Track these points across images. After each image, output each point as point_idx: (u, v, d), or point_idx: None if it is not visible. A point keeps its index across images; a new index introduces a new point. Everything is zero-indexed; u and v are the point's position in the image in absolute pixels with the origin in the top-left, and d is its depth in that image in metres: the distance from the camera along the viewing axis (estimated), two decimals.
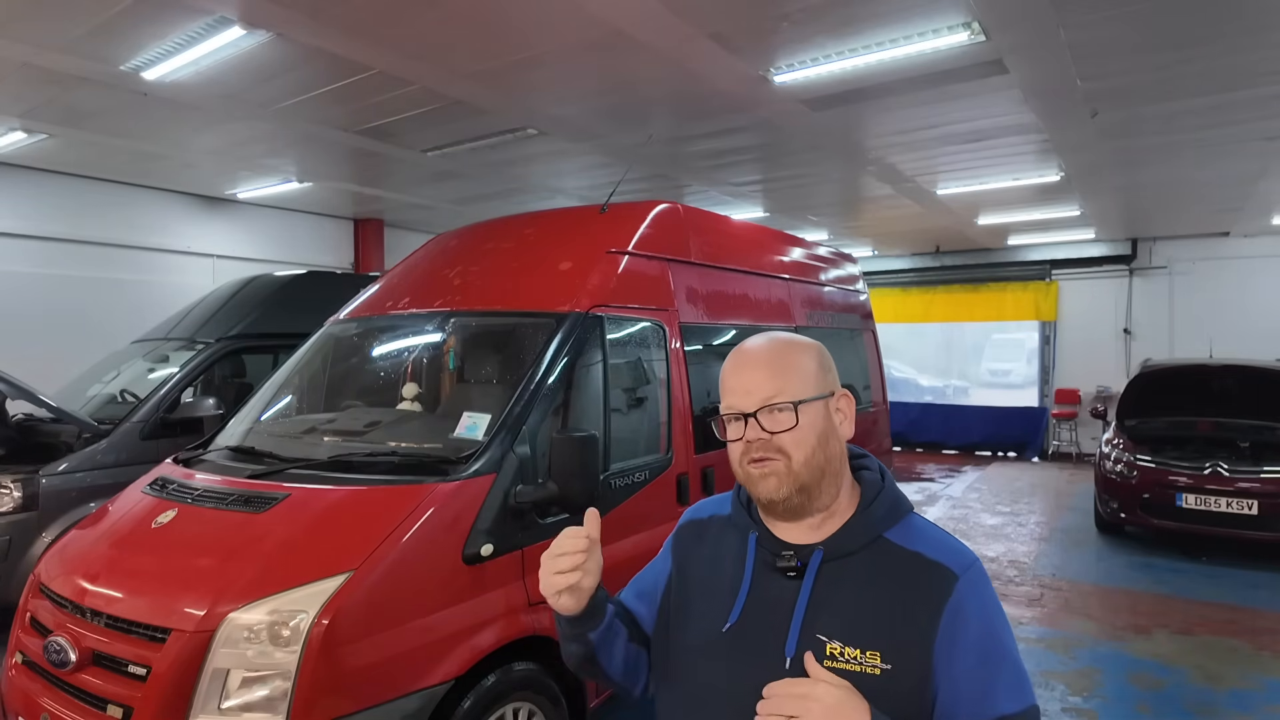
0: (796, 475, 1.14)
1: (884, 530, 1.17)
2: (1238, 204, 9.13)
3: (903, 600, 1.10)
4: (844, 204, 9.79)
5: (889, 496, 1.21)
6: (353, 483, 2.71)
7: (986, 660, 1.08)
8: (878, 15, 4.22)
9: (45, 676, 2.47)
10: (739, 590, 1.19)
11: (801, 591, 1.14)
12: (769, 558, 1.19)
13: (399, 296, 3.83)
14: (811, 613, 1.12)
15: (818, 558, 1.15)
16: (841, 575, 1.14)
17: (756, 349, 1.22)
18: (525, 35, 4.52)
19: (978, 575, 1.13)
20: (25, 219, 7.85)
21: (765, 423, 1.14)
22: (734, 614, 1.17)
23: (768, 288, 4.88)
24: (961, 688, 1.06)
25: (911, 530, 1.18)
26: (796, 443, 1.14)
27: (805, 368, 1.18)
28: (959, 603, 1.09)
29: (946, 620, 1.08)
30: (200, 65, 4.95)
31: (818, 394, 1.17)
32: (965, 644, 1.08)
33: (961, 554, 1.15)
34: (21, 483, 4.59)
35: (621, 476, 3.25)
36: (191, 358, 5.56)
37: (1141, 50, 4.62)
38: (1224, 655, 4.67)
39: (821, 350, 1.24)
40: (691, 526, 1.36)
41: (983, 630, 1.09)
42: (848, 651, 1.08)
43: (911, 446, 13.33)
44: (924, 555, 1.14)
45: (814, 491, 1.16)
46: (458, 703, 2.48)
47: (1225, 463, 6.40)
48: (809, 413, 1.15)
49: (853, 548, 1.16)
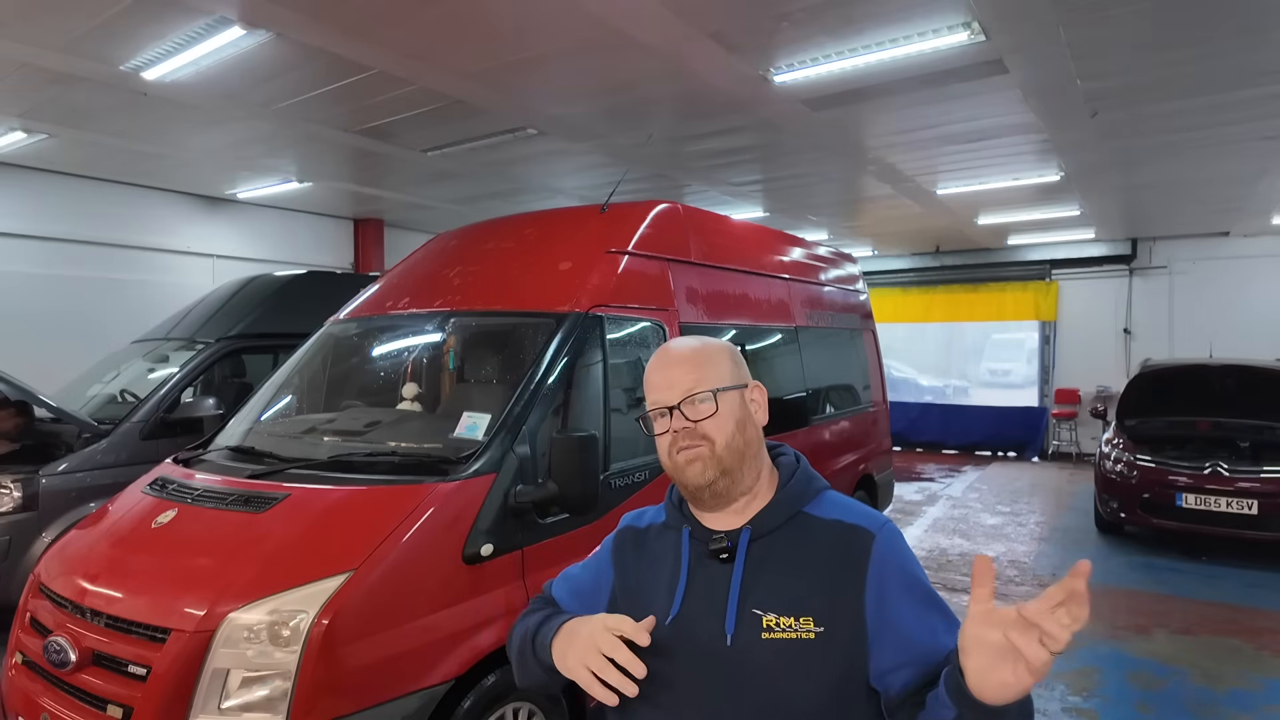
0: (720, 459, 1.23)
1: (802, 506, 1.27)
2: (1238, 204, 9.13)
3: (828, 564, 1.20)
4: (844, 204, 9.79)
5: (804, 475, 1.32)
6: (353, 483, 2.71)
7: (921, 602, 1.17)
8: (878, 15, 4.22)
9: (45, 676, 2.47)
10: (677, 583, 1.27)
11: (735, 571, 1.22)
12: (701, 547, 1.27)
13: (399, 296, 3.83)
14: (745, 590, 1.21)
15: (745, 536, 1.24)
16: (769, 552, 1.23)
17: (675, 350, 1.32)
18: (525, 35, 4.52)
19: (892, 532, 1.23)
20: (25, 219, 7.85)
21: (688, 412, 1.24)
22: (675, 606, 1.24)
23: (768, 288, 4.88)
24: (905, 631, 1.14)
25: (827, 503, 1.29)
26: (718, 428, 1.24)
27: (720, 362, 1.29)
28: (881, 557, 1.19)
29: (872, 574, 1.17)
30: (200, 65, 4.94)
31: (732, 384, 1.28)
32: (895, 592, 1.16)
33: (875, 516, 1.26)
34: (21, 483, 4.59)
35: (621, 476, 3.25)
36: (191, 358, 5.56)
37: (1141, 50, 4.62)
38: (1224, 655, 4.67)
39: (733, 349, 1.35)
40: (630, 533, 1.42)
41: (908, 578, 1.19)
42: (783, 621, 1.17)
43: (911, 446, 13.33)
44: (842, 521, 1.24)
45: (736, 474, 1.25)
46: (458, 703, 2.48)
47: (1225, 463, 6.40)
48: (726, 401, 1.25)
49: (776, 524, 1.25)
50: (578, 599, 1.41)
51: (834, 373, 5.75)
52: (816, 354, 5.35)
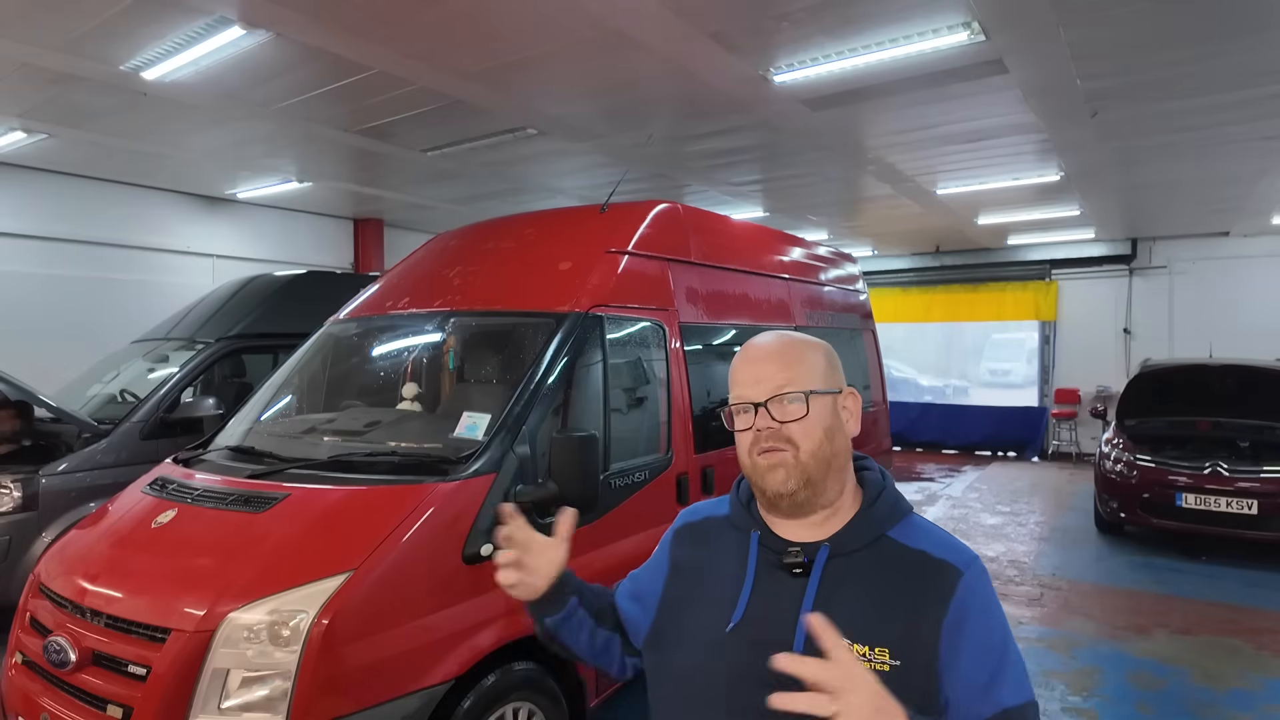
0: (804, 466, 1.15)
1: (887, 529, 1.18)
2: (1238, 204, 9.13)
3: (909, 597, 1.11)
4: (844, 204, 9.79)
5: (890, 496, 1.22)
6: (353, 483, 2.71)
7: (989, 654, 1.09)
8: (877, 15, 4.22)
9: (45, 676, 2.47)
10: (742, 589, 1.19)
11: (809, 588, 1.14)
12: (772, 556, 1.19)
13: (399, 296, 3.83)
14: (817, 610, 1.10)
15: (824, 554, 1.15)
16: (846, 573, 1.15)
17: (767, 343, 1.24)
18: (525, 35, 4.52)
19: (979, 572, 1.15)
20: (25, 219, 7.85)
21: (775, 412, 1.16)
22: (738, 613, 1.17)
23: (768, 287, 4.88)
24: (965, 681, 1.07)
25: (913, 529, 1.20)
26: (805, 433, 1.15)
27: (815, 363, 1.21)
28: (963, 598, 1.10)
29: (952, 615, 1.09)
30: (200, 65, 4.94)
31: (826, 389, 1.19)
32: (969, 638, 1.09)
33: (963, 551, 1.17)
34: (21, 483, 4.59)
35: (621, 476, 3.24)
36: (191, 358, 5.56)
37: (1141, 50, 4.62)
38: (1224, 655, 4.67)
39: (830, 349, 1.25)
40: (687, 529, 1.37)
41: (985, 625, 1.11)
42: (856, 648, 1.08)
43: (911, 446, 13.33)
44: (928, 553, 1.15)
45: (820, 486, 1.17)
46: (458, 703, 2.47)
47: (1225, 462, 6.40)
48: (818, 405, 1.16)
49: (857, 545, 1.16)
50: (638, 602, 1.37)
51: None
52: None
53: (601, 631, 1.37)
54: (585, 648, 1.37)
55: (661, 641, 1.29)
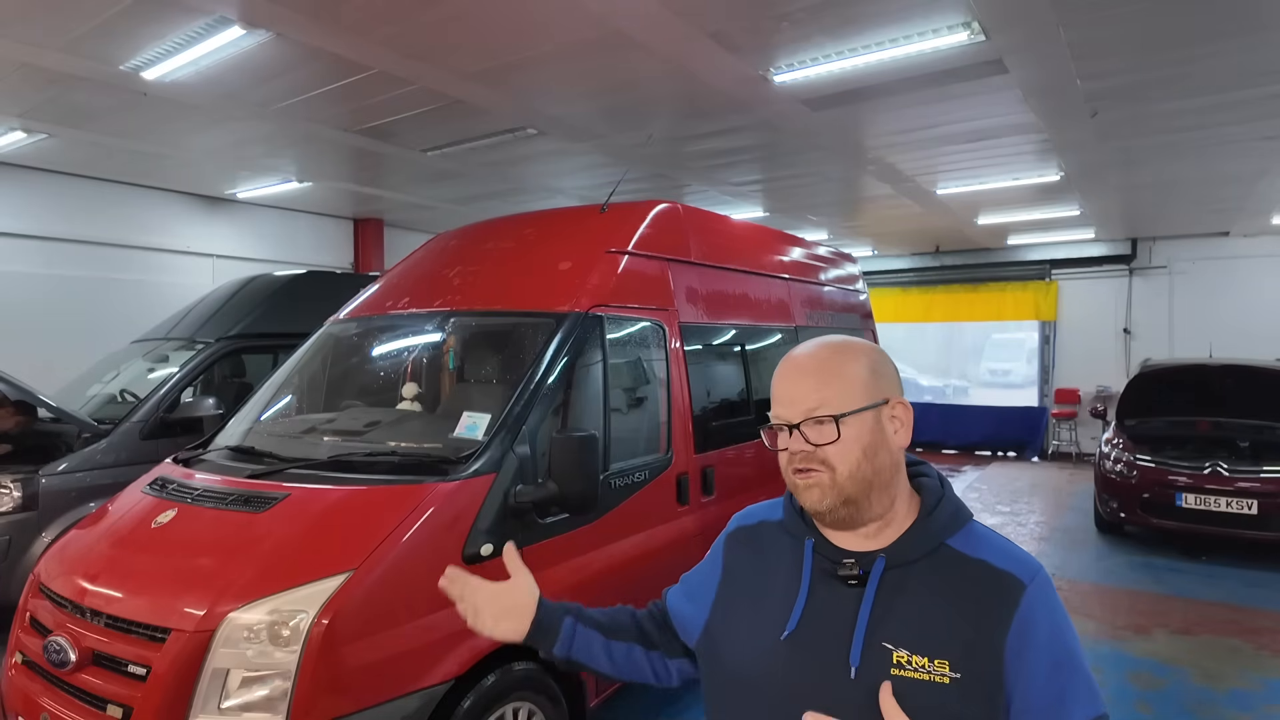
0: (841, 488, 1.13)
1: (946, 538, 1.15)
2: (1237, 204, 9.12)
3: (971, 608, 1.08)
4: (844, 204, 9.79)
5: (950, 504, 1.19)
6: (352, 482, 2.71)
7: (1058, 669, 1.06)
8: (877, 15, 4.22)
9: (45, 676, 2.47)
10: (796, 597, 1.17)
11: (865, 599, 1.11)
12: (827, 565, 1.17)
13: (399, 296, 3.83)
14: (875, 621, 1.10)
15: (880, 566, 1.13)
16: (904, 583, 1.12)
17: (805, 356, 1.20)
18: (525, 35, 4.52)
19: (1044, 583, 1.11)
20: (25, 219, 7.85)
21: (809, 435, 1.13)
22: (792, 621, 1.15)
23: (767, 287, 4.88)
24: (1033, 696, 1.05)
25: (974, 538, 1.16)
26: (840, 456, 1.12)
27: (854, 376, 1.16)
28: (1028, 611, 1.08)
29: (1015, 629, 1.06)
30: (200, 65, 4.94)
31: (867, 404, 1.14)
32: (1035, 652, 1.06)
33: (1027, 562, 1.13)
34: (21, 483, 4.59)
35: (621, 476, 3.24)
36: (191, 358, 5.56)
37: (1141, 50, 4.62)
38: (1224, 655, 4.67)
39: (876, 355, 1.20)
40: (741, 532, 1.35)
41: (1052, 638, 1.08)
42: (915, 660, 1.06)
43: (911, 446, 13.27)
44: (990, 563, 1.12)
45: (861, 504, 1.14)
46: (457, 702, 2.48)
47: (1225, 462, 6.40)
48: (853, 425, 1.13)
49: (915, 555, 1.14)
50: (691, 601, 1.35)
51: None
52: None
53: (617, 645, 1.36)
54: (605, 664, 1.36)
55: (715, 642, 1.27)
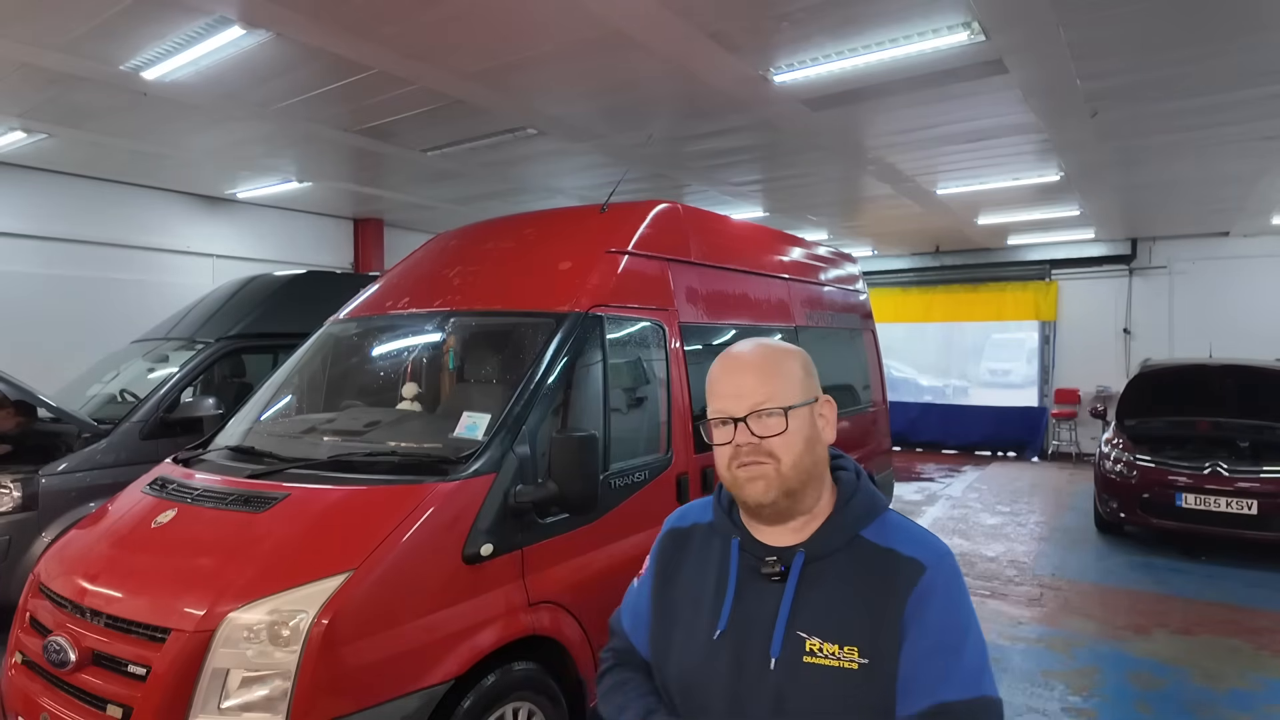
0: (785, 479, 1.18)
1: (861, 529, 1.21)
2: (1238, 204, 9.13)
3: (877, 595, 1.14)
4: (844, 204, 9.79)
5: (864, 496, 1.24)
6: (352, 482, 2.71)
7: (941, 649, 1.10)
8: (877, 15, 4.22)
9: (45, 676, 2.47)
10: (725, 596, 1.22)
11: (785, 594, 1.17)
12: (753, 562, 1.22)
13: (399, 296, 3.83)
14: (794, 613, 1.16)
15: (799, 561, 1.18)
16: (821, 575, 1.18)
17: (746, 354, 1.25)
18: (525, 35, 4.52)
19: (948, 567, 1.16)
20: (25, 219, 7.85)
21: (755, 427, 1.17)
22: (722, 621, 1.20)
23: (767, 287, 4.88)
24: (912, 672, 1.09)
25: (887, 528, 1.22)
26: (786, 447, 1.17)
27: (793, 373, 1.22)
28: (923, 591, 1.12)
29: (910, 609, 1.12)
30: (200, 65, 4.95)
31: (804, 400, 1.21)
32: (922, 631, 1.10)
33: (933, 548, 1.19)
34: (21, 482, 4.59)
35: (621, 476, 3.24)
36: (191, 358, 5.56)
37: (1141, 50, 4.62)
38: (1224, 655, 4.67)
39: (806, 357, 1.28)
40: (674, 535, 1.39)
41: (943, 618, 1.12)
42: (826, 648, 1.12)
43: (911, 446, 13.33)
44: (898, 551, 1.17)
45: (800, 495, 1.20)
46: (458, 702, 2.47)
47: (1225, 463, 6.40)
48: (797, 418, 1.18)
49: (832, 548, 1.19)
50: (636, 617, 1.38)
51: (834, 373, 5.75)
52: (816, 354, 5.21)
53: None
54: None
55: (659, 651, 1.31)
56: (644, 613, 1.36)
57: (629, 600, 1.43)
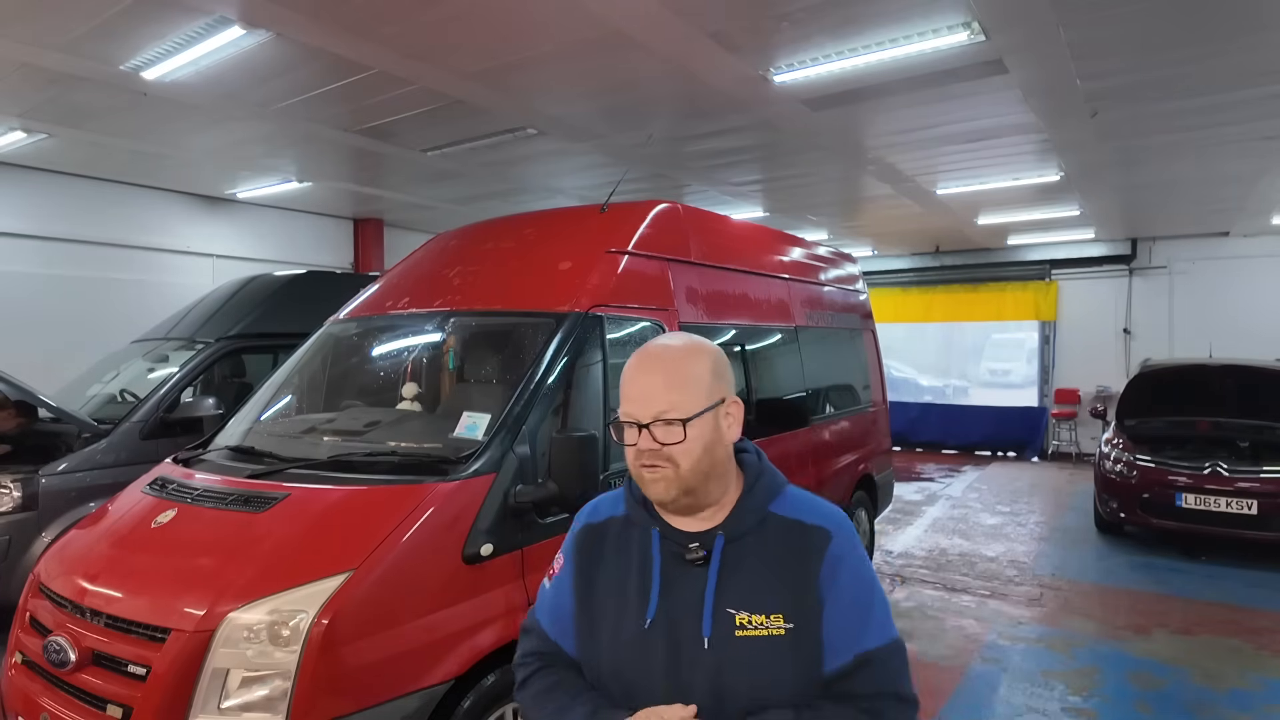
0: (684, 479, 1.25)
1: (769, 505, 1.31)
2: (1238, 204, 9.13)
3: (793, 563, 1.25)
4: (844, 204, 9.79)
5: (767, 476, 1.34)
6: (352, 482, 2.71)
7: (857, 603, 1.24)
8: (877, 15, 4.22)
9: (45, 676, 2.47)
10: (651, 585, 1.28)
11: (709, 575, 1.25)
12: (675, 549, 1.29)
13: (399, 296, 3.83)
14: (720, 592, 1.24)
15: (720, 543, 1.27)
16: (741, 552, 1.27)
17: (654, 356, 1.30)
18: (525, 35, 4.52)
19: (848, 531, 1.30)
20: (25, 219, 7.85)
21: (657, 434, 1.24)
22: (651, 609, 1.26)
23: (767, 287, 4.88)
24: (835, 627, 1.22)
25: (790, 500, 1.33)
26: (684, 453, 1.24)
27: (699, 379, 1.27)
28: (834, 556, 1.25)
29: (825, 571, 1.24)
30: (200, 65, 4.95)
31: (708, 405, 1.26)
32: (839, 591, 1.23)
33: (832, 515, 1.32)
34: (21, 482, 4.59)
35: (621, 476, 3.22)
36: (191, 358, 5.56)
37: (1141, 50, 4.62)
38: (1224, 655, 4.67)
39: (718, 357, 1.33)
40: (589, 530, 1.41)
41: (854, 577, 1.25)
42: (755, 619, 1.22)
43: (911, 446, 13.33)
44: (803, 521, 1.29)
45: (699, 492, 1.27)
46: (458, 703, 2.47)
47: (1225, 463, 6.40)
48: (696, 426, 1.24)
49: (747, 527, 1.29)
50: (558, 622, 1.40)
51: (834, 373, 5.75)
52: (816, 354, 5.35)
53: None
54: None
55: (588, 645, 1.33)
56: (566, 611, 1.38)
57: (545, 600, 1.44)
